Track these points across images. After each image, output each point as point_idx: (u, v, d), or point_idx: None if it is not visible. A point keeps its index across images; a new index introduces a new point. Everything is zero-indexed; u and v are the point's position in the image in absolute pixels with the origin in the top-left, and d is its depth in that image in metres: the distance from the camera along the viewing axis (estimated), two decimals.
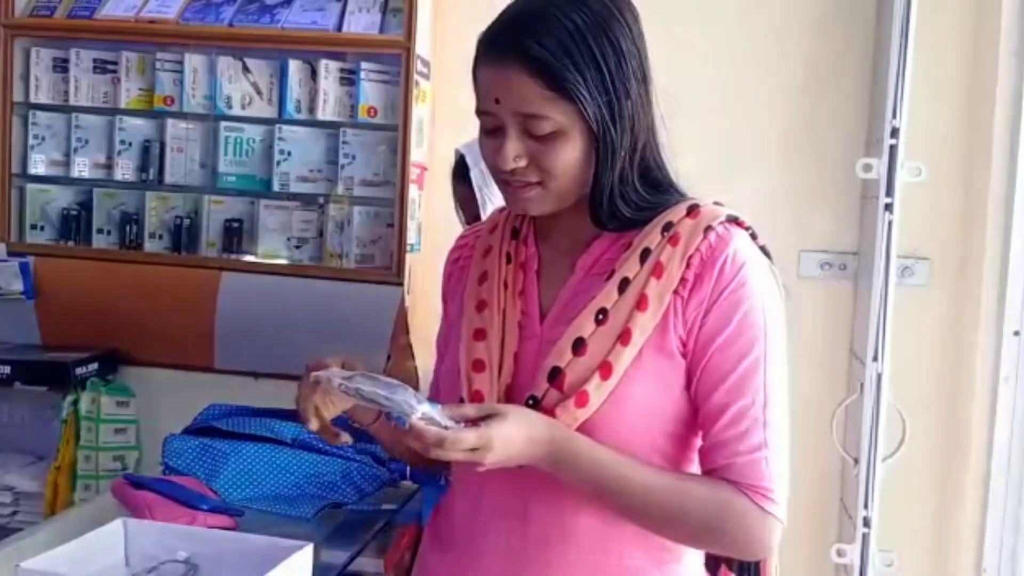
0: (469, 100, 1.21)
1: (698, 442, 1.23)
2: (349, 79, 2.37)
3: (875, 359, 2.19)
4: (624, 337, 1.17)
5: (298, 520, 1.82)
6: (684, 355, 1.19)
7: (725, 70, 2.48)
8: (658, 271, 1.18)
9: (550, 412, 1.17)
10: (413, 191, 2.31)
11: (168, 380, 2.53)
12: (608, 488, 1.17)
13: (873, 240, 2.23)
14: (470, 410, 1.13)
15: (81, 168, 2.48)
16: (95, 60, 2.47)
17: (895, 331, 2.21)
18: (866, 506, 2.21)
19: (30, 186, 2.50)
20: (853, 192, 2.44)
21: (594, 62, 1.14)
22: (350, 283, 2.33)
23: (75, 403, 2.37)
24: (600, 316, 1.19)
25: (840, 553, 2.27)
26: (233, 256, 2.42)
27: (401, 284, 2.28)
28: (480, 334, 1.26)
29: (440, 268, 1.43)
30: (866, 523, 2.21)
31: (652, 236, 1.20)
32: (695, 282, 1.18)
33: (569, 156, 1.17)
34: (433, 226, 2.42)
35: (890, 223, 2.19)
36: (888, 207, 2.19)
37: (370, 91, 2.34)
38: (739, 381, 1.17)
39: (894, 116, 2.17)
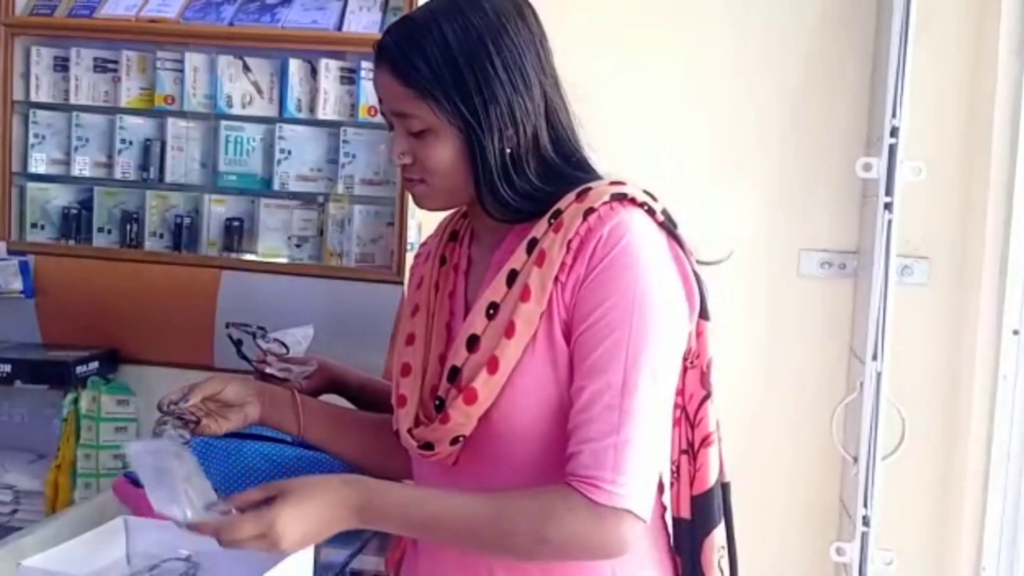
0: None
1: None
2: (349, 78, 2.37)
3: (875, 358, 2.19)
4: (509, 330, 1.15)
5: None
6: (568, 341, 1.16)
7: (725, 70, 2.48)
8: (540, 259, 1.17)
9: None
10: None
11: (168, 379, 2.51)
12: (425, 530, 1.15)
13: (873, 239, 2.23)
14: (255, 494, 1.11)
15: (81, 167, 2.48)
16: (95, 59, 2.46)
17: (895, 330, 2.22)
18: (865, 505, 2.22)
19: (30, 185, 2.49)
20: (853, 191, 2.45)
21: (455, 69, 1.16)
22: (350, 282, 2.33)
23: (75, 402, 2.37)
24: (491, 311, 1.18)
25: (840, 552, 2.27)
26: (233, 255, 2.41)
27: (401, 283, 2.27)
28: (411, 338, 1.27)
29: None
30: (865, 522, 2.22)
31: (540, 225, 1.19)
32: (572, 265, 1.15)
33: (443, 154, 1.19)
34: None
35: (890, 222, 2.19)
36: (888, 206, 2.20)
37: (371, 90, 2.33)
38: (596, 363, 1.12)
39: (894, 115, 2.17)
